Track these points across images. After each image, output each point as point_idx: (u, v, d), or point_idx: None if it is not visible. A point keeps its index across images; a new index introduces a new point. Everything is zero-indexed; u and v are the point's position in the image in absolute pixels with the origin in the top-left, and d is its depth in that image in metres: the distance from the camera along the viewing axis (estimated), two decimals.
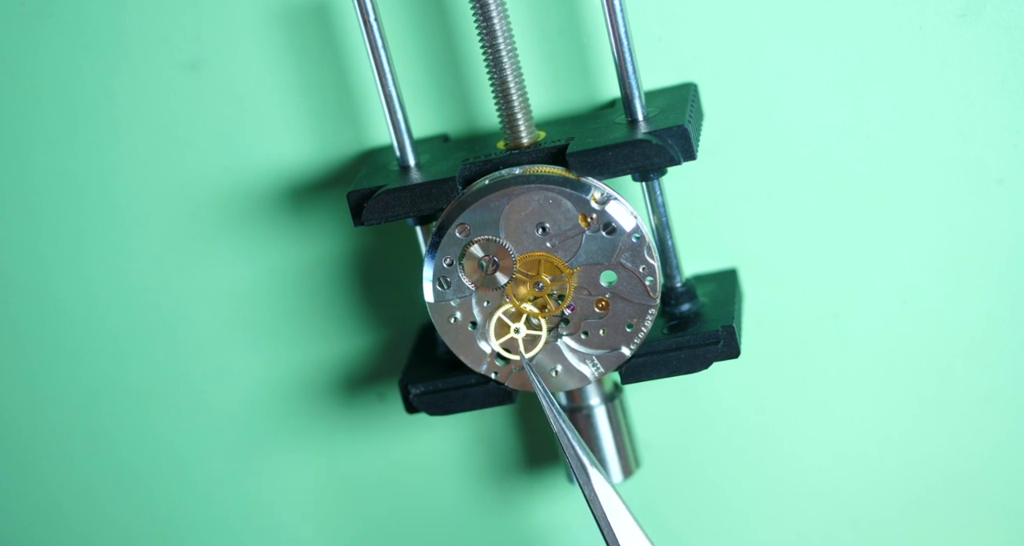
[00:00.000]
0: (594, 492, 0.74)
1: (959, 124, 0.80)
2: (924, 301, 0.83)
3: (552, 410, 0.75)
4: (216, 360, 0.89)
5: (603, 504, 0.74)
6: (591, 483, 0.74)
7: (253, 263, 0.87)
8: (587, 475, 0.75)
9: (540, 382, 0.76)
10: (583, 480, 0.75)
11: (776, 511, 0.89)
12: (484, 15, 0.76)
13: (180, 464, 0.91)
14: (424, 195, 0.77)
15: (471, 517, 0.91)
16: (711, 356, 0.78)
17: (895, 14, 0.79)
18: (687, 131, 0.74)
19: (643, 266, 0.76)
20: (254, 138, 0.84)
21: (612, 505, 0.74)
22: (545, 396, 0.76)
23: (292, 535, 0.92)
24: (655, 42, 0.80)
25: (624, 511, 0.74)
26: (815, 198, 0.82)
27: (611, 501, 0.74)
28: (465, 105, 0.83)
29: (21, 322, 0.89)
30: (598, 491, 0.74)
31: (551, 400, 0.75)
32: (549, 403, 0.75)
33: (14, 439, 0.92)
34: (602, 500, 0.74)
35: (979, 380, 0.84)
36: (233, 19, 0.82)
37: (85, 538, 0.94)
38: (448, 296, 0.77)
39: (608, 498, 0.74)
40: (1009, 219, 0.81)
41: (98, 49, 0.83)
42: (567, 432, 0.75)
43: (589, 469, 0.75)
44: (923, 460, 0.86)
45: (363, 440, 0.90)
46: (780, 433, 0.87)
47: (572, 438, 0.75)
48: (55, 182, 0.86)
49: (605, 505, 0.74)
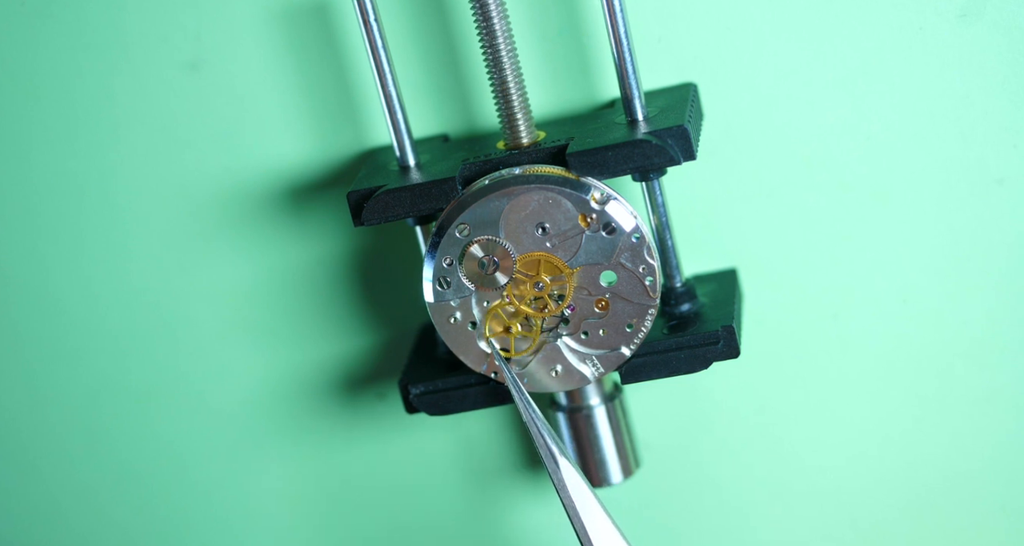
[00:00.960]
0: (563, 481, 0.75)
1: (959, 124, 0.80)
2: (924, 301, 0.83)
3: (521, 399, 0.75)
4: (216, 360, 0.89)
5: (571, 494, 0.75)
6: (560, 472, 0.75)
7: (253, 263, 0.87)
8: (556, 464, 0.75)
9: (508, 369, 0.76)
10: (552, 469, 0.75)
11: (776, 511, 0.89)
12: (484, 15, 0.76)
13: (180, 464, 0.91)
14: (424, 195, 0.77)
15: (471, 517, 0.91)
16: (711, 356, 0.78)
17: (895, 14, 0.79)
18: (687, 131, 0.74)
19: (643, 266, 0.76)
20: (254, 138, 0.84)
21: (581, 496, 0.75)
22: (514, 383, 0.76)
23: (292, 535, 0.92)
24: (655, 42, 0.80)
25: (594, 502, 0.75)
26: (815, 198, 0.82)
27: (580, 491, 0.75)
28: (465, 105, 0.83)
29: (21, 322, 0.89)
30: (567, 480, 0.75)
31: (520, 388, 0.76)
32: (518, 391, 0.76)
33: (14, 439, 0.92)
34: (571, 489, 0.75)
35: (979, 380, 0.84)
36: (233, 19, 0.82)
37: (85, 538, 0.94)
38: (448, 296, 0.77)
39: (577, 488, 0.75)
40: (1009, 219, 0.81)
41: (98, 49, 0.83)
42: (536, 422, 0.75)
43: (559, 458, 0.75)
44: (923, 460, 0.86)
45: (363, 440, 0.90)
46: (780, 433, 0.87)
47: (541, 428, 0.75)
48: (55, 182, 0.86)
49: (574, 495, 0.75)
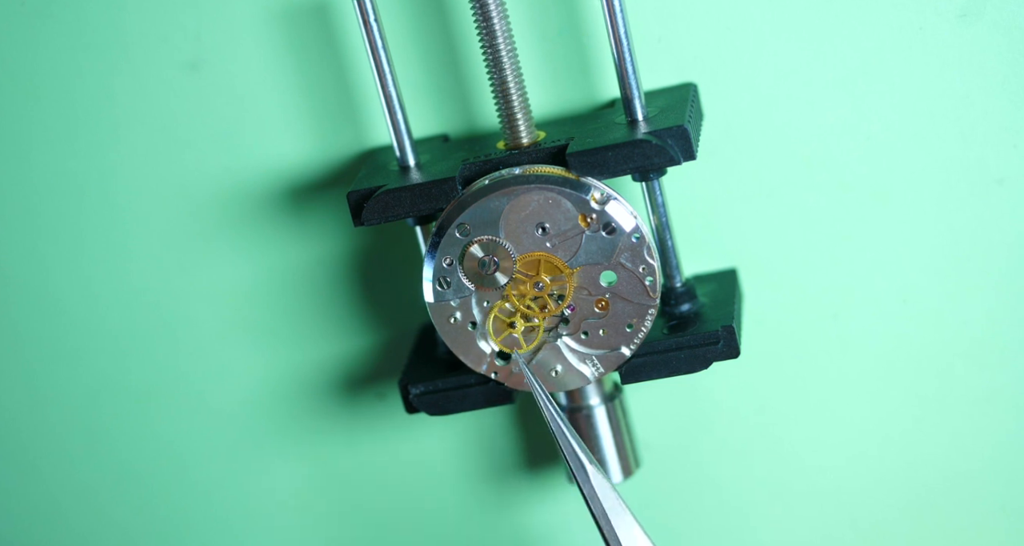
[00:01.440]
0: (593, 490, 0.74)
1: (959, 124, 0.80)
2: (924, 301, 0.83)
3: (549, 409, 0.75)
4: (216, 360, 0.89)
5: (602, 502, 0.74)
6: (590, 481, 0.74)
7: (253, 263, 0.87)
8: (586, 474, 0.75)
9: (537, 381, 0.76)
10: (581, 479, 0.75)
11: (776, 511, 0.89)
12: (484, 15, 0.76)
13: (180, 464, 0.91)
14: (424, 195, 0.77)
15: (471, 517, 0.91)
16: (711, 356, 0.78)
17: (895, 14, 0.79)
18: (687, 131, 0.74)
19: (643, 266, 0.76)
20: (254, 138, 0.84)
21: (611, 503, 0.74)
22: (542, 395, 0.76)
23: (291, 535, 0.92)
24: (655, 42, 0.80)
25: (623, 509, 0.74)
26: (815, 198, 0.82)
27: (610, 499, 0.74)
28: (465, 105, 0.83)
29: (21, 322, 0.89)
30: (597, 489, 0.74)
31: (548, 399, 0.75)
32: (546, 402, 0.75)
33: (14, 439, 0.92)
34: (601, 498, 0.74)
35: (979, 380, 0.84)
36: (233, 19, 0.82)
37: (85, 538, 0.94)
38: (448, 296, 0.77)
39: (607, 496, 0.74)
40: (1009, 219, 0.81)
41: (98, 49, 0.83)
42: (565, 431, 0.75)
43: (587, 467, 0.75)
44: (923, 460, 0.86)
45: (363, 440, 0.90)
46: (780, 433, 0.87)
47: (570, 436, 0.75)
48: (55, 182, 0.86)
49: (604, 503, 0.74)
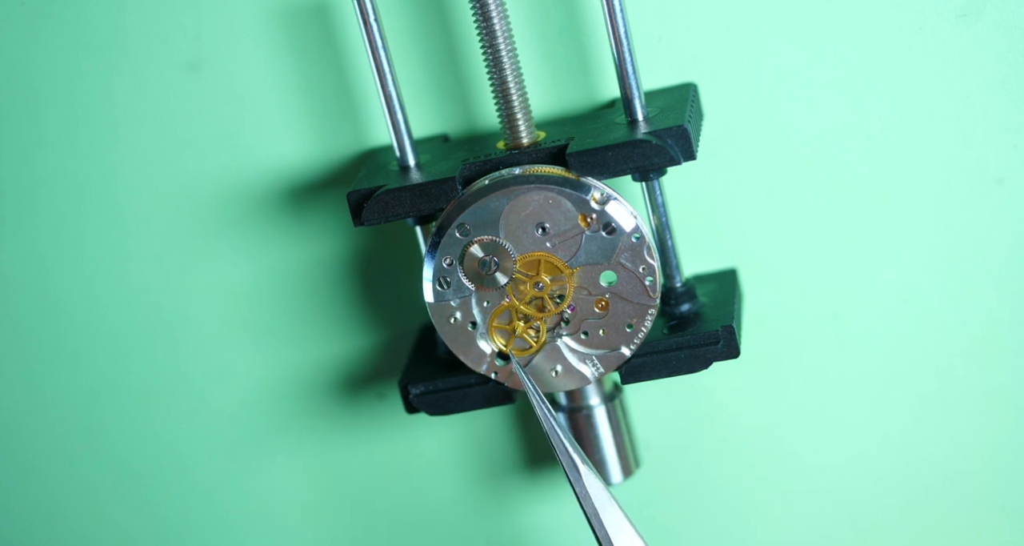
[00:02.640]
0: (585, 490, 0.74)
1: (959, 124, 0.80)
2: (924, 301, 0.83)
3: (542, 408, 0.75)
4: (216, 360, 0.89)
5: (594, 502, 0.74)
6: (582, 481, 0.75)
7: (253, 263, 0.87)
8: (578, 473, 0.75)
9: (529, 380, 0.76)
10: (574, 478, 0.75)
11: (776, 511, 0.89)
12: (484, 15, 0.76)
13: (180, 464, 0.91)
14: (424, 195, 0.77)
15: (470, 517, 0.91)
16: (711, 356, 0.78)
17: (895, 14, 0.79)
18: (687, 131, 0.74)
19: (643, 266, 0.76)
20: (254, 138, 0.84)
21: (603, 503, 0.74)
22: (535, 394, 0.76)
23: (291, 535, 0.92)
24: (655, 42, 0.80)
25: (616, 509, 0.74)
26: (815, 198, 0.82)
27: (602, 499, 0.74)
28: (465, 105, 0.83)
29: (21, 322, 0.89)
30: (589, 489, 0.74)
31: (541, 398, 0.75)
32: (539, 402, 0.75)
33: (14, 439, 0.92)
34: (593, 498, 0.74)
35: (979, 380, 0.84)
36: (233, 19, 0.82)
37: (85, 538, 0.94)
38: (448, 296, 0.77)
39: (599, 496, 0.74)
40: (1009, 219, 0.81)
41: (98, 49, 0.83)
42: (558, 431, 0.75)
43: (580, 467, 0.75)
44: (923, 460, 0.86)
45: (363, 440, 0.90)
46: (780, 433, 0.87)
47: (562, 436, 0.75)
48: (55, 182, 0.86)
49: (596, 503, 0.74)
